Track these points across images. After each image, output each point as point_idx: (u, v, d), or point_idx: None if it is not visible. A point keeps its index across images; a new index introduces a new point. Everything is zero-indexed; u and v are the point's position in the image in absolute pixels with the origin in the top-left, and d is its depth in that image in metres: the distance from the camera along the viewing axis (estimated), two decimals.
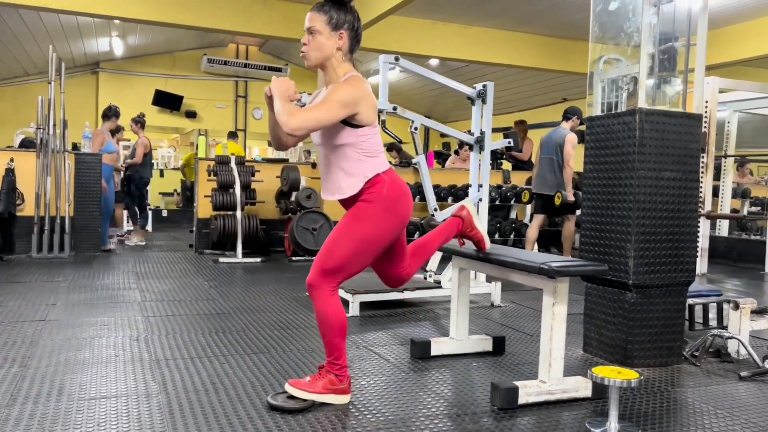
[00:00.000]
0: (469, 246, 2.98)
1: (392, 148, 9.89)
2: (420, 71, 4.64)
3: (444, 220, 4.65)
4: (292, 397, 2.40)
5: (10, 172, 6.43)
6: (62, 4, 7.12)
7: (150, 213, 11.14)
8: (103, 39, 10.92)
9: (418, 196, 7.17)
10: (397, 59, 4.51)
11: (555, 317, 2.54)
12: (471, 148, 4.86)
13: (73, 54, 11.62)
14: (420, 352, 3.15)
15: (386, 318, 4.09)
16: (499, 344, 3.31)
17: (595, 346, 3.30)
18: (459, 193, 8.07)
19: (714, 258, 7.30)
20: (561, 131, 6.37)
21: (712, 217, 6.70)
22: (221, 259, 6.53)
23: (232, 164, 6.77)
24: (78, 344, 3.20)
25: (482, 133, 4.74)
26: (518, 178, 8.50)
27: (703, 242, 6.62)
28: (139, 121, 8.27)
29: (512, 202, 8.22)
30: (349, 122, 2.33)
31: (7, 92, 12.13)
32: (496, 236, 7.99)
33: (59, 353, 3.03)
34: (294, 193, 7.03)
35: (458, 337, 3.21)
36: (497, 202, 8.18)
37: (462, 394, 2.64)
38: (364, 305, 4.22)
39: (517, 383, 2.52)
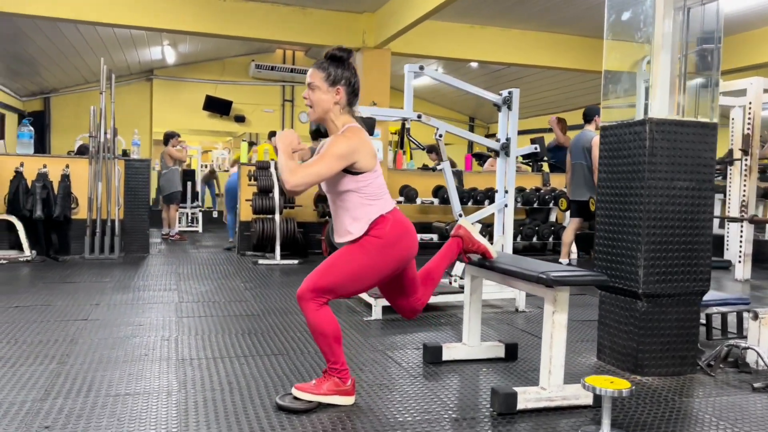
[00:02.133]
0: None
1: (432, 150, 9.97)
2: (444, 79, 4.74)
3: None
4: (298, 398, 2.54)
5: (65, 178, 6.83)
6: (115, 18, 7.42)
7: (200, 214, 11.59)
8: (156, 48, 11.38)
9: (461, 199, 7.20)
10: (421, 68, 4.61)
11: (555, 325, 2.59)
12: (497, 154, 4.91)
13: (128, 62, 12.14)
14: (431, 357, 3.24)
15: (408, 322, 4.19)
16: (511, 350, 3.37)
17: (608, 354, 3.32)
18: (479, 196, 8.08)
19: (762, 263, 7.09)
20: (587, 134, 6.33)
21: (757, 222, 6.51)
22: (261, 261, 6.77)
23: (272, 169, 6.99)
24: (113, 343, 3.43)
25: (508, 139, 4.79)
26: (558, 181, 8.45)
27: (746, 247, 6.45)
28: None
29: (551, 205, 8.17)
30: (350, 170, 2.47)
31: (69, 100, 12.76)
32: (534, 239, 7.97)
33: (95, 351, 3.26)
34: None
35: (470, 343, 3.29)
36: (536, 205, 8.15)
37: (465, 399, 2.73)
38: (387, 309, 4.34)
39: (517, 389, 2.59)
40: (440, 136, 4.69)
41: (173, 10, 7.33)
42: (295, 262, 6.77)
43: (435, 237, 7.56)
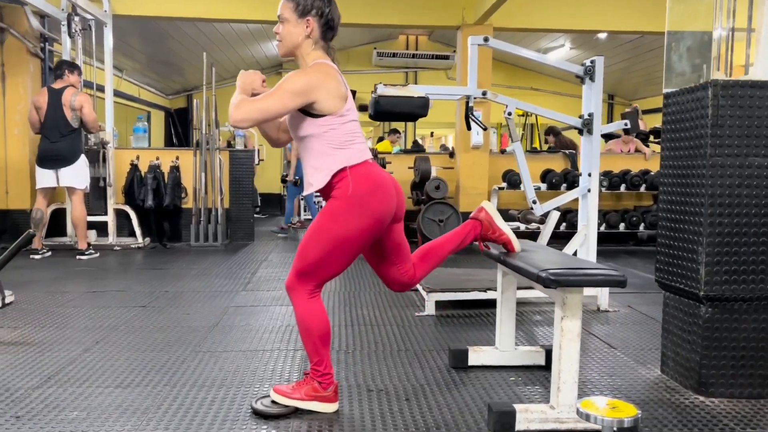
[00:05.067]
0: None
1: (550, 132, 9.29)
2: (512, 50, 4.28)
3: (542, 215, 4.29)
4: (276, 402, 2.36)
5: (174, 169, 7.21)
6: (237, 14, 7.66)
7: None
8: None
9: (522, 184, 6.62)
10: (486, 39, 4.19)
11: (564, 334, 2.17)
12: (581, 132, 4.37)
13: (257, 58, 12.67)
14: (456, 361, 2.90)
15: (462, 319, 3.85)
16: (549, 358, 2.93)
17: (672, 367, 2.77)
18: (614, 180, 7.33)
19: None
20: None
21: None
22: None
23: None
24: (153, 331, 3.48)
25: (590, 114, 4.23)
26: None
27: None
28: None
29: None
30: (309, 112, 2.21)
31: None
32: (642, 227, 7.15)
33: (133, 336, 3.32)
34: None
35: (502, 347, 2.90)
36: (643, 189, 7.34)
37: (468, 413, 2.38)
38: (442, 304, 4.02)
39: (517, 406, 2.20)
40: (509, 114, 4.25)
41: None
42: None
43: (522, 226, 7.00)
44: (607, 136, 9.62)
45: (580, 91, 4.24)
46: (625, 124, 4.40)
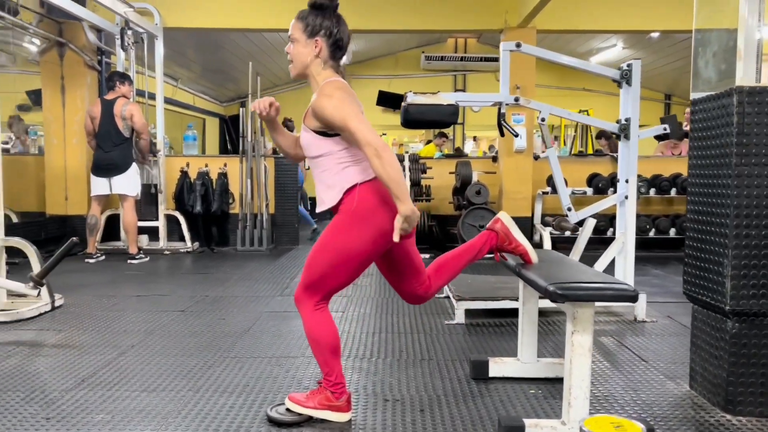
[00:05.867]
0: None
1: (602, 135, 9.09)
2: (544, 55, 4.22)
3: (576, 223, 4.21)
4: (290, 410, 2.41)
5: (222, 176, 7.42)
6: (282, 23, 7.79)
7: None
8: None
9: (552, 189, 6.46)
10: (518, 45, 4.15)
11: (575, 348, 2.13)
12: (618, 137, 4.27)
13: None
14: (476, 372, 2.89)
15: (493, 329, 3.82)
16: None
17: (700, 383, 2.68)
18: (663, 184, 7.12)
19: None
20: None
21: None
22: None
23: (405, 162, 6.89)
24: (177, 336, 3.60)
25: (627, 119, 4.13)
26: None
27: None
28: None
29: None
30: (325, 132, 2.25)
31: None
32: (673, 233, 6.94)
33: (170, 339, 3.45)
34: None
35: (524, 359, 2.87)
36: (673, 193, 7.14)
37: (481, 426, 2.37)
38: (473, 312, 4.00)
39: (527, 421, 2.18)
40: (543, 119, 4.21)
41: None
42: (426, 256, 6.59)
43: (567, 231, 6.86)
44: (660, 138, 9.34)
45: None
46: (664, 129, 4.26)
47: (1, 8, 6.24)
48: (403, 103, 3.95)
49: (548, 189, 7.18)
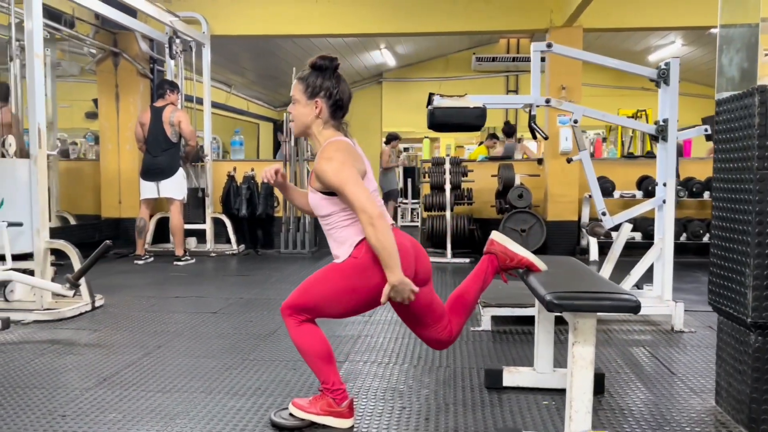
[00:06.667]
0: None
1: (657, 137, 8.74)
2: (576, 55, 4.10)
3: (609, 229, 4.07)
4: (293, 415, 2.42)
5: None
6: (326, 29, 7.89)
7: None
8: (375, 52, 11.95)
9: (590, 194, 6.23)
10: (549, 45, 4.05)
11: (576, 360, 2.06)
12: (655, 139, 4.11)
13: (356, 69, 12.97)
14: (490, 381, 2.82)
15: (519, 336, 3.73)
16: (596, 382, 2.75)
17: (725, 398, 2.54)
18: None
19: None
20: None
21: None
22: (432, 259, 6.65)
23: (446, 165, 6.83)
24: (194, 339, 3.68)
25: (665, 120, 3.97)
26: None
27: None
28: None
29: None
30: (330, 192, 2.25)
31: None
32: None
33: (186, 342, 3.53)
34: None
35: (540, 369, 2.79)
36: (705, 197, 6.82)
37: None
38: (500, 319, 3.92)
39: None
40: (575, 121, 4.10)
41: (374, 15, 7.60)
42: (467, 260, 6.52)
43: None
44: (709, 137, 8.92)
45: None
46: (705, 130, 4.07)
47: (58, 21, 6.57)
48: (428, 107, 3.92)
49: None
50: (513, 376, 2.81)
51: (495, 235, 2.54)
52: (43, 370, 3.06)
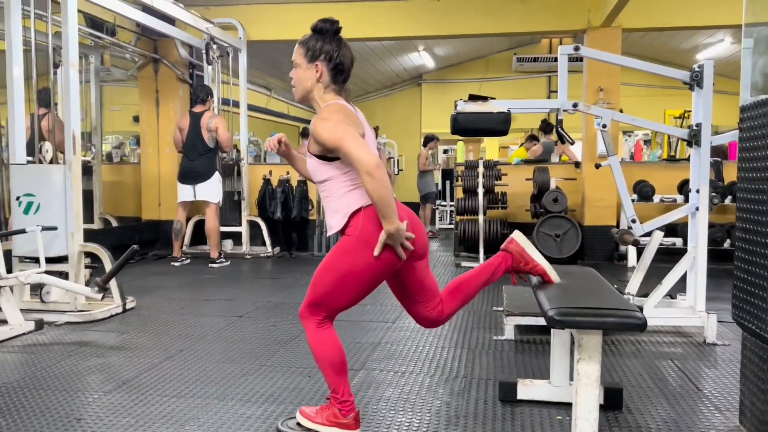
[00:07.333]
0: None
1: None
2: (604, 57, 3.99)
3: (639, 235, 3.94)
4: (300, 424, 2.42)
5: (301, 183, 7.62)
6: (363, 33, 7.88)
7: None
8: (413, 54, 11.91)
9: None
10: (576, 48, 3.95)
11: (581, 378, 2.00)
12: (689, 144, 3.97)
13: (395, 71, 12.96)
14: (504, 394, 2.77)
15: (543, 346, 3.64)
16: (613, 396, 2.68)
17: (749, 418, 2.42)
18: None
19: None
20: None
21: None
22: (463, 263, 6.60)
23: (480, 168, 6.75)
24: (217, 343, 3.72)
25: (698, 125, 3.83)
26: None
27: None
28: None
29: None
30: (326, 156, 2.24)
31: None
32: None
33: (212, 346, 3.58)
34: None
35: (555, 382, 2.72)
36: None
37: None
38: (524, 328, 3.84)
39: None
40: (604, 126, 3.98)
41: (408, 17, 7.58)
42: None
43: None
44: None
45: None
46: None
47: (100, 30, 6.78)
48: (452, 112, 3.88)
49: (634, 196, 6.78)
50: (527, 389, 2.75)
51: (516, 235, 2.48)
52: (67, 372, 3.15)
